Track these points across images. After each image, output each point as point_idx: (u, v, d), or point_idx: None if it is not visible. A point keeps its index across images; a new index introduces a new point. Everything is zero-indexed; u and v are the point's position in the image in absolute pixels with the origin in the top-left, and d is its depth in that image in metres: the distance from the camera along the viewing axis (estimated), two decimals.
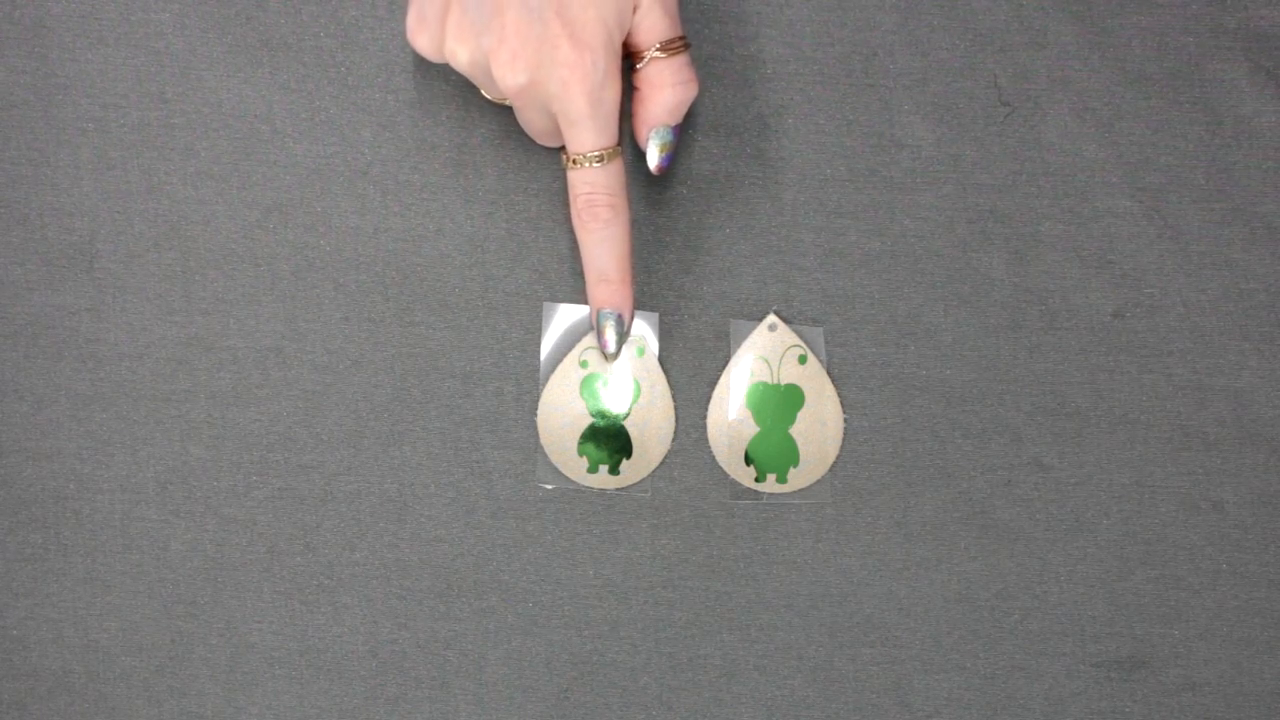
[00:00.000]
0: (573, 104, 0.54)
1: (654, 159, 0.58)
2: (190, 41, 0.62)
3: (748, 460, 0.62)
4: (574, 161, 0.55)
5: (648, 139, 0.58)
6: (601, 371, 0.62)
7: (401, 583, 0.62)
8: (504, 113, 0.62)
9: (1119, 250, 0.62)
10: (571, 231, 0.61)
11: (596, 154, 0.55)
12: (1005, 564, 0.62)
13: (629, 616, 0.62)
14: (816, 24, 0.62)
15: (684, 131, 0.62)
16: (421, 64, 0.62)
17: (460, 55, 0.55)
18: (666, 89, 0.56)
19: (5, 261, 0.62)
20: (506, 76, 0.54)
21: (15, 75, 0.62)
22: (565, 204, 0.62)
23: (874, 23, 0.62)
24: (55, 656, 0.62)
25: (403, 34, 0.61)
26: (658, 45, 0.56)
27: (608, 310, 0.59)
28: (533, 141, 0.61)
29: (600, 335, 0.59)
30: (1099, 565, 0.62)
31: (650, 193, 0.62)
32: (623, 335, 0.59)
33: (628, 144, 0.61)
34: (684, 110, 0.57)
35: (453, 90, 0.62)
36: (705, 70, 0.62)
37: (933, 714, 0.63)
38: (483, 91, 0.59)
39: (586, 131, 0.54)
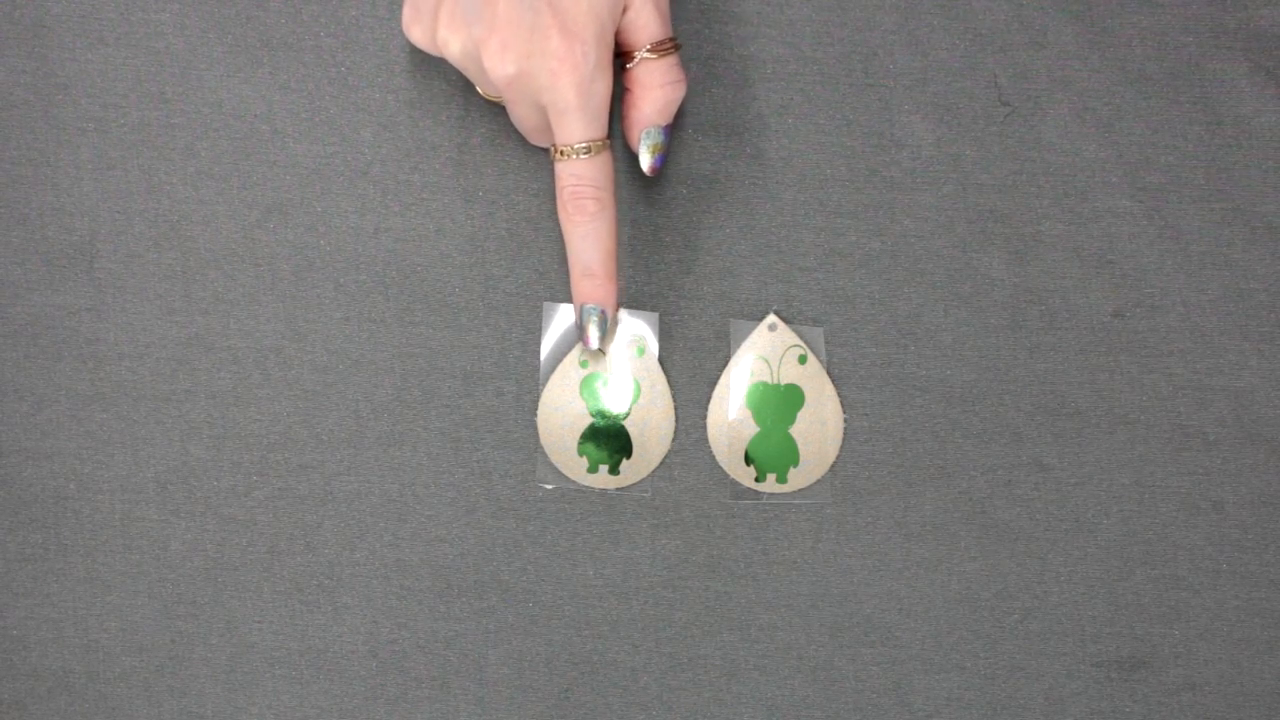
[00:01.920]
0: (561, 94, 0.54)
1: (646, 160, 0.58)
2: (190, 41, 0.62)
3: (748, 460, 0.62)
4: (561, 153, 0.55)
5: (639, 140, 0.58)
6: (601, 371, 0.62)
7: (401, 583, 0.62)
8: (504, 113, 0.62)
9: (1119, 250, 0.62)
10: (565, 242, 0.61)
11: (584, 145, 0.55)
12: (1005, 564, 0.62)
13: (629, 616, 0.62)
14: (816, 24, 0.62)
15: (682, 131, 0.62)
16: (421, 63, 0.62)
17: (452, 45, 0.55)
18: (656, 89, 0.57)
19: (5, 261, 0.62)
20: (496, 67, 0.54)
21: (15, 75, 0.62)
22: (558, 214, 0.62)
23: (874, 23, 0.62)
24: (55, 656, 0.62)
25: (402, 33, 0.61)
26: (648, 46, 0.56)
27: (591, 305, 0.58)
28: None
29: (583, 331, 0.59)
30: (1099, 565, 0.62)
31: (650, 193, 0.62)
32: (606, 331, 0.59)
33: (619, 145, 0.61)
34: (674, 109, 0.57)
35: (452, 90, 0.62)
36: (705, 70, 0.62)
37: (933, 714, 0.63)
38: (478, 88, 0.59)
39: (575, 122, 0.54)
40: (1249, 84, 0.62)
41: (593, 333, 0.59)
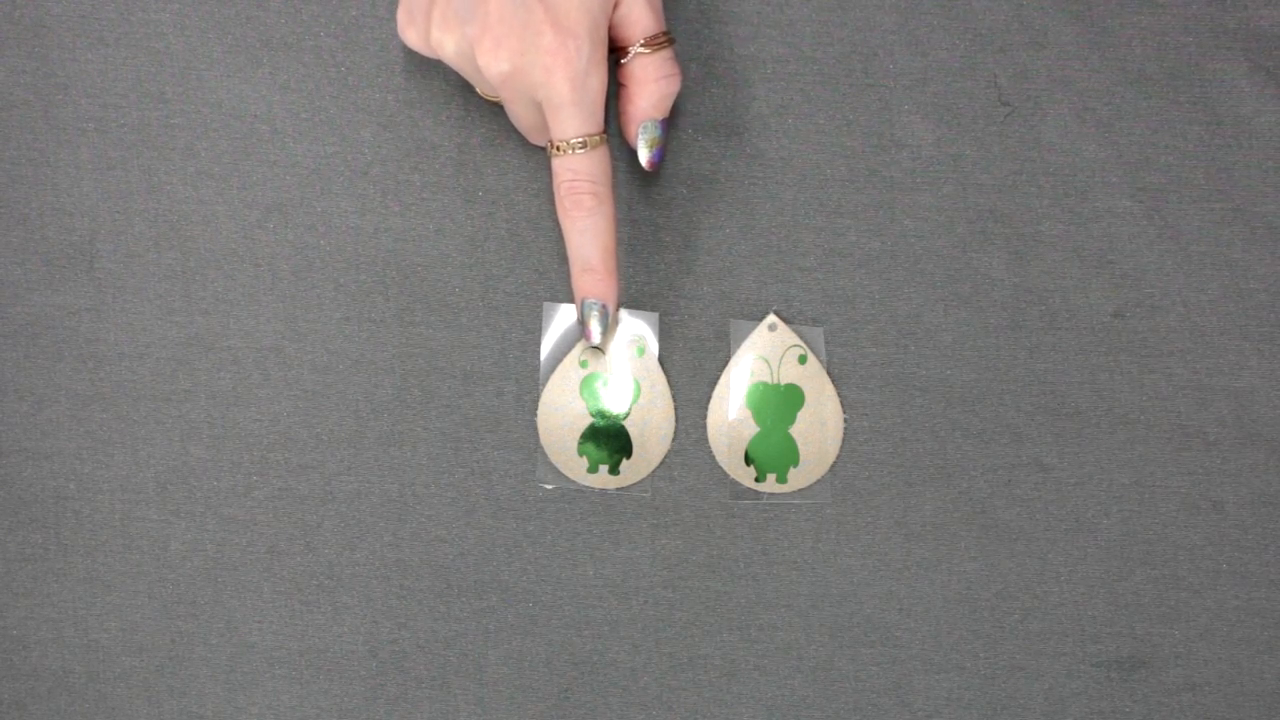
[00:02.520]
0: (556, 90, 0.54)
1: (644, 155, 0.58)
2: (190, 41, 0.62)
3: (748, 460, 0.62)
4: (558, 149, 0.55)
5: (637, 135, 0.58)
6: (601, 371, 0.62)
7: (401, 583, 0.62)
8: (503, 112, 0.62)
9: (1119, 250, 0.62)
10: (564, 239, 0.61)
11: (580, 140, 0.55)
12: (1005, 564, 0.62)
13: (629, 616, 0.62)
14: (816, 24, 0.62)
15: (682, 131, 0.62)
16: (420, 63, 0.62)
17: (446, 45, 0.55)
18: (651, 84, 0.57)
19: (5, 261, 0.62)
20: (491, 64, 0.54)
21: (15, 75, 0.62)
22: (556, 211, 0.62)
23: (874, 23, 0.62)
24: (55, 656, 0.62)
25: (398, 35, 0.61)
26: (642, 41, 0.56)
27: (592, 300, 0.58)
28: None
29: (585, 325, 0.59)
30: (1099, 565, 0.62)
31: (650, 193, 0.62)
32: (607, 326, 0.59)
33: (618, 143, 0.61)
34: (669, 103, 0.58)
35: (453, 90, 0.62)
36: (705, 70, 0.62)
37: (933, 714, 0.63)
38: (476, 89, 0.59)
39: (570, 118, 0.54)
40: (1249, 84, 0.62)
41: (594, 327, 0.59)
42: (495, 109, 0.62)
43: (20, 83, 0.62)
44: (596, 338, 0.59)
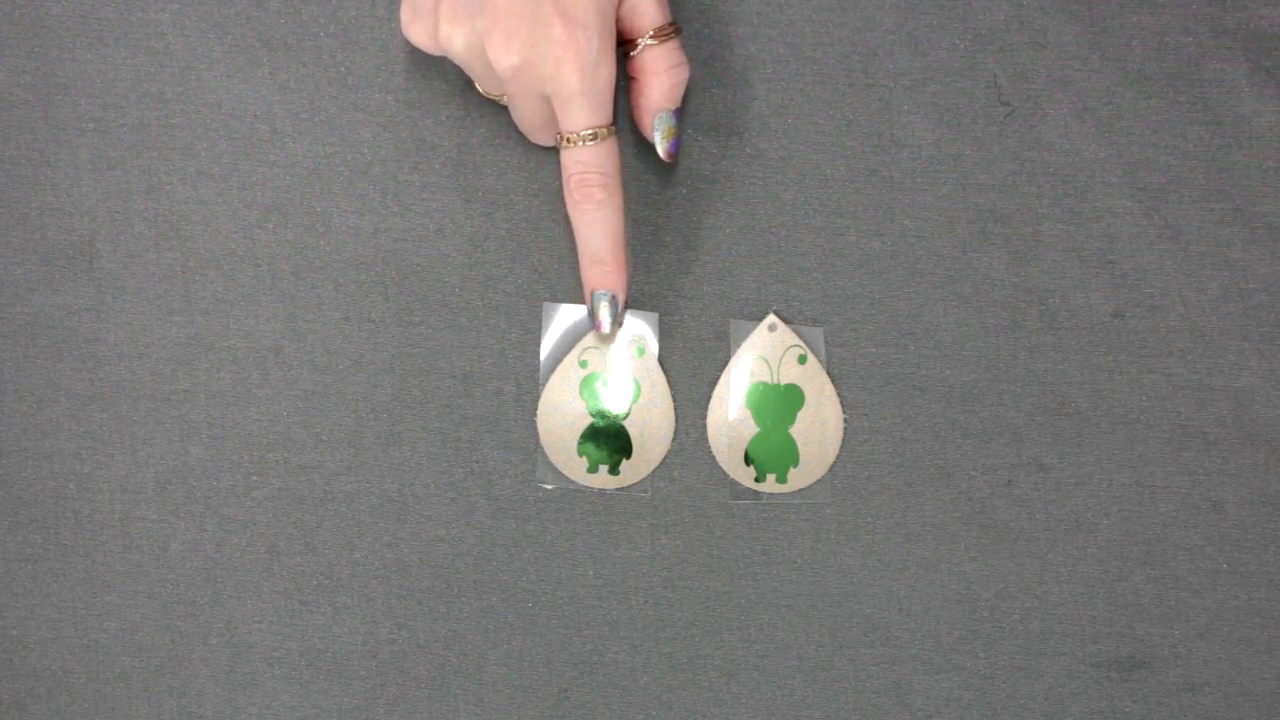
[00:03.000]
0: (565, 81, 0.54)
1: (661, 146, 0.58)
2: (190, 41, 0.62)
3: (748, 460, 0.62)
4: (568, 141, 0.55)
5: (652, 127, 0.58)
6: (601, 371, 0.62)
7: (401, 583, 0.62)
8: (504, 112, 0.62)
9: (1119, 250, 0.62)
10: (573, 231, 0.61)
11: (590, 132, 0.55)
12: (1005, 564, 0.62)
13: (629, 616, 0.62)
14: (816, 24, 0.62)
15: (683, 130, 0.62)
16: (421, 63, 0.62)
17: (455, 40, 0.55)
18: (662, 74, 0.57)
19: (5, 261, 0.62)
20: (502, 58, 0.54)
21: (15, 75, 0.62)
22: (565, 204, 0.62)
23: (874, 23, 0.62)
24: (55, 656, 0.62)
25: (402, 33, 0.61)
26: (650, 32, 0.56)
27: (602, 291, 0.58)
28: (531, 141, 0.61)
29: (594, 315, 0.59)
30: (1099, 565, 0.62)
31: (650, 193, 0.62)
32: (617, 314, 0.59)
33: (629, 138, 0.61)
34: (681, 92, 0.58)
35: (452, 90, 0.62)
36: (705, 70, 0.62)
37: (933, 714, 0.63)
38: (478, 86, 0.59)
39: (580, 109, 0.55)
40: (1249, 84, 0.62)
41: (604, 317, 0.59)
42: (495, 109, 0.62)
43: (20, 83, 0.62)
44: (606, 327, 0.59)
